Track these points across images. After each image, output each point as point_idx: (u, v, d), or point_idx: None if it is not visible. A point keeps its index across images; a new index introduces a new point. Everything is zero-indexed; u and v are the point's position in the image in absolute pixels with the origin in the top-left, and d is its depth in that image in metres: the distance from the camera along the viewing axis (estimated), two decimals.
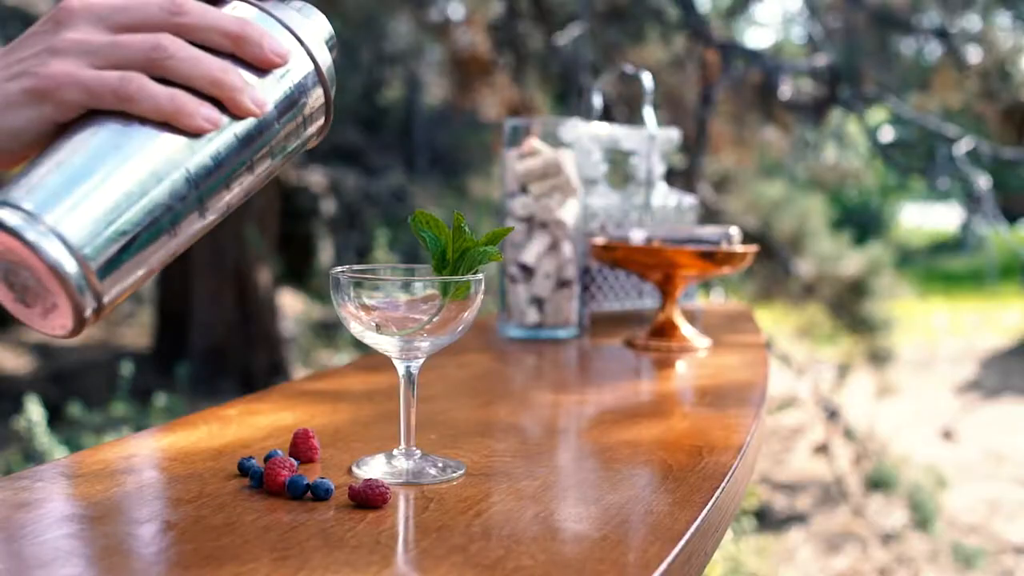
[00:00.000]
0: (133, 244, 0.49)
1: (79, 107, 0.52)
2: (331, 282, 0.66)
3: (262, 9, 0.57)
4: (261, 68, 0.55)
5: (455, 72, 5.51)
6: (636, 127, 1.51)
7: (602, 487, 0.65)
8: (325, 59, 0.59)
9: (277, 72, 0.56)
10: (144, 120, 0.51)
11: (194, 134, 0.52)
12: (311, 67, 0.58)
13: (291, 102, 0.57)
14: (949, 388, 6.33)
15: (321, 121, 0.60)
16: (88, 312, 0.48)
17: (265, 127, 0.55)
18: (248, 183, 0.56)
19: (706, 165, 4.33)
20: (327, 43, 0.60)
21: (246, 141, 0.54)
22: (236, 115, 0.54)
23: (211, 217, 0.54)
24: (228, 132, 0.53)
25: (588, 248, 1.36)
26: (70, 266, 0.46)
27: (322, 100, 0.59)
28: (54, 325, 0.49)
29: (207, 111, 0.52)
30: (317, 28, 0.60)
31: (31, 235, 0.46)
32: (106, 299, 0.48)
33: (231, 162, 0.53)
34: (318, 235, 6.91)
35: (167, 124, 0.52)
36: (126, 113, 0.51)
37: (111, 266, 0.48)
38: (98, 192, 0.48)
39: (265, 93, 0.55)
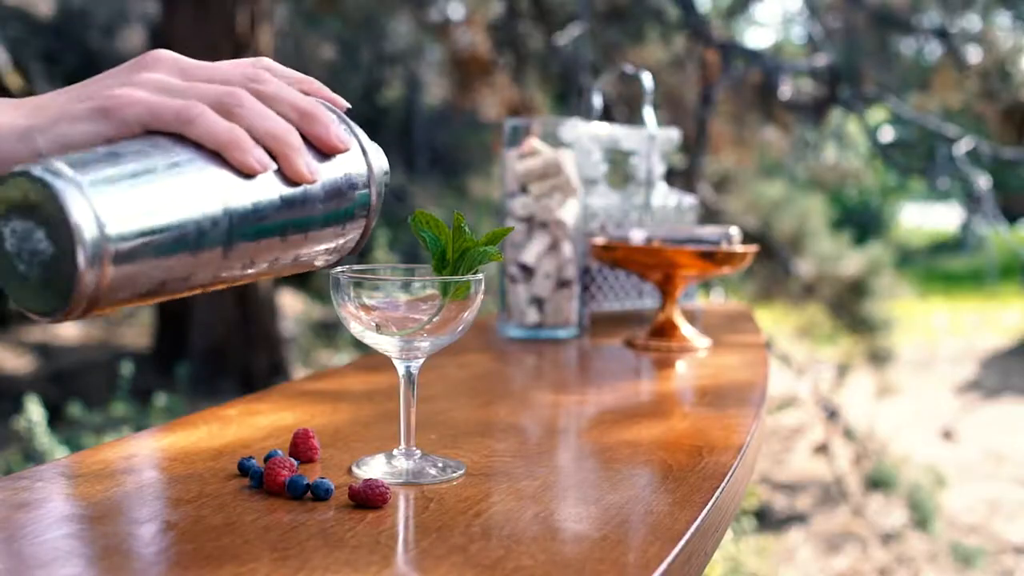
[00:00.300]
0: (155, 244, 0.48)
1: (138, 126, 0.52)
2: (331, 282, 0.66)
3: (339, 115, 0.59)
4: (321, 151, 0.57)
5: (455, 72, 5.51)
6: (636, 127, 1.51)
7: (602, 487, 0.65)
8: (378, 186, 0.60)
9: (334, 160, 0.57)
10: (199, 147, 0.52)
11: (243, 173, 0.52)
12: (365, 175, 0.59)
13: (338, 193, 0.57)
14: (949, 388, 6.33)
15: (352, 241, 0.60)
16: (87, 288, 0.46)
17: (308, 201, 0.55)
18: (275, 253, 0.55)
19: (706, 165, 4.33)
20: (381, 179, 0.60)
21: (288, 203, 0.54)
22: (288, 174, 0.54)
23: (232, 264, 0.53)
24: (274, 189, 0.54)
25: (588, 248, 1.36)
26: (89, 231, 0.45)
27: (361, 224, 0.60)
28: (47, 303, 0.47)
29: (260, 154, 0.53)
30: (379, 159, 0.61)
31: (59, 184, 0.45)
32: (108, 284, 0.47)
33: (268, 217, 0.53)
34: None
35: (219, 157, 0.52)
36: (183, 138, 0.52)
37: (127, 257, 0.47)
38: (138, 182, 0.48)
39: (319, 175, 0.56)
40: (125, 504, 0.60)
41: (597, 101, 1.62)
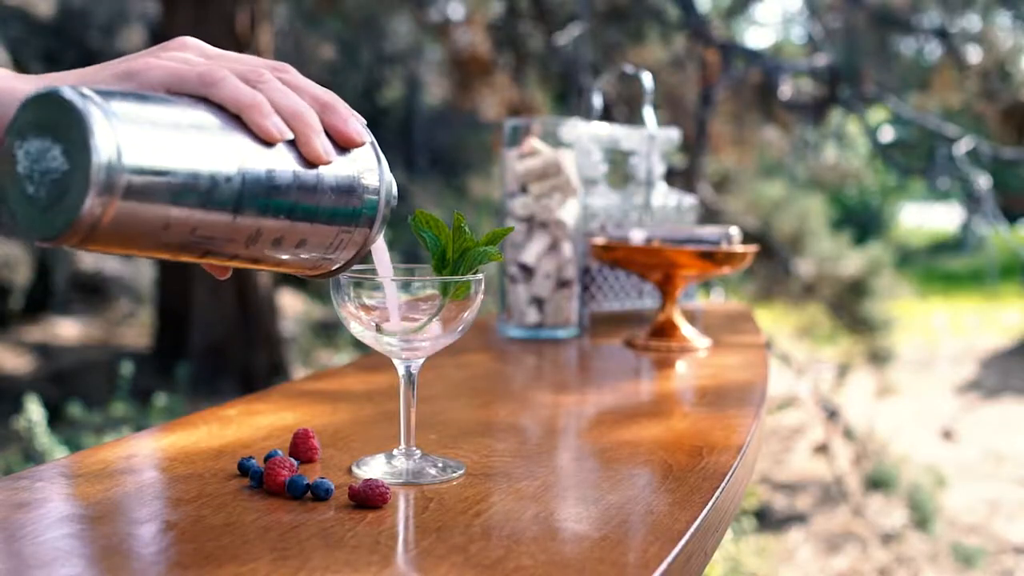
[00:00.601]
0: (166, 186, 0.48)
1: (161, 87, 0.53)
2: (331, 282, 0.66)
3: (370, 138, 0.60)
4: (339, 143, 0.57)
5: (455, 72, 5.51)
6: (636, 127, 1.50)
7: (602, 487, 0.65)
8: (387, 196, 0.60)
9: (349, 156, 0.58)
10: (222, 111, 0.53)
11: (261, 141, 0.53)
12: (377, 180, 0.59)
13: (349, 190, 0.57)
14: (949, 388, 6.33)
15: (350, 253, 0.60)
16: (94, 210, 0.45)
17: (320, 188, 0.56)
18: (280, 232, 0.55)
19: (706, 165, 4.33)
20: (389, 192, 0.60)
21: (300, 184, 0.55)
22: (304, 152, 0.55)
23: (238, 230, 0.52)
24: (288, 165, 0.54)
25: (588, 248, 1.36)
26: (107, 152, 0.45)
27: (363, 236, 0.60)
28: (50, 225, 0.47)
29: (279, 121, 0.54)
30: (390, 177, 0.61)
31: (86, 105, 0.45)
32: (113, 214, 0.46)
33: (280, 190, 0.54)
34: None
35: (239, 124, 0.53)
36: (207, 102, 0.53)
37: (137, 191, 0.47)
38: (160, 125, 0.48)
39: (334, 158, 0.57)
40: (125, 504, 0.60)
41: (597, 101, 1.62)
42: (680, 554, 0.54)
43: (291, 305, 6.09)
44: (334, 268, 0.61)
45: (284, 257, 0.57)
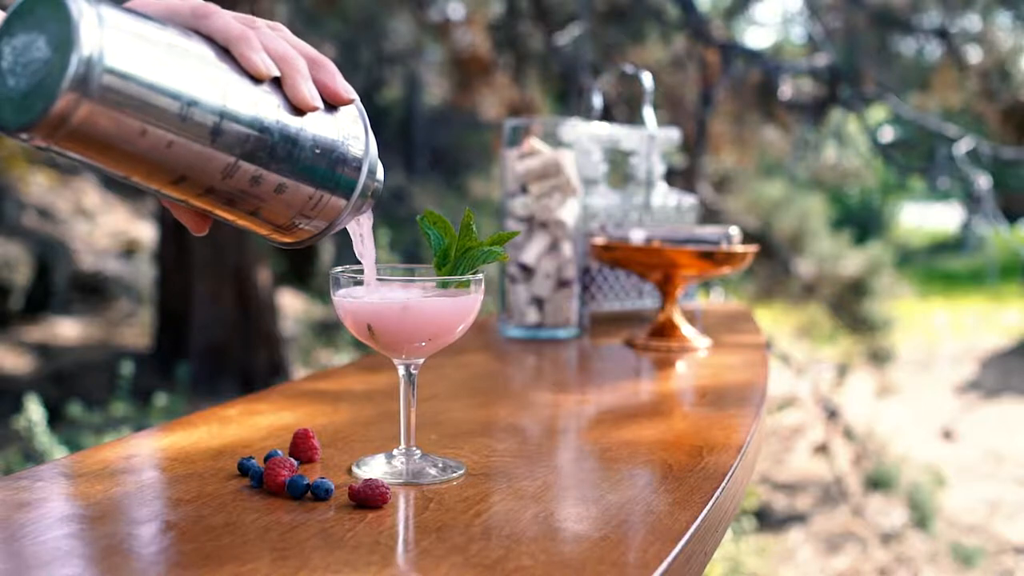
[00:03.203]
0: (144, 95, 0.48)
1: (154, 10, 0.53)
2: (331, 281, 0.66)
3: (359, 104, 0.60)
4: (326, 99, 0.57)
5: (455, 72, 5.51)
6: (636, 127, 1.50)
7: (602, 487, 0.65)
8: (369, 174, 0.60)
9: (336, 115, 0.58)
10: (214, 44, 0.53)
11: (247, 76, 0.53)
12: (362, 150, 0.59)
13: (330, 150, 0.57)
14: (949, 388, 6.33)
15: (323, 222, 0.59)
16: (68, 103, 0.45)
17: (301, 140, 0.55)
18: (256, 172, 0.54)
19: (706, 165, 4.33)
20: (374, 167, 0.60)
21: (282, 126, 0.54)
22: (289, 95, 0.55)
23: (214, 159, 0.52)
24: (273, 104, 0.54)
25: (588, 248, 1.36)
26: (89, 47, 0.45)
27: (338, 206, 0.59)
28: (23, 114, 0.47)
29: (267, 58, 0.54)
30: (377, 159, 0.61)
31: (80, 3, 0.46)
32: (87, 111, 0.46)
33: (262, 127, 0.53)
34: None
35: (230, 59, 0.53)
36: (202, 36, 0.53)
37: (113, 92, 0.47)
38: (149, 38, 0.49)
39: (318, 115, 0.56)
40: (125, 504, 0.60)
41: (597, 101, 1.62)
42: (680, 554, 0.54)
43: (291, 305, 6.09)
44: (307, 237, 0.60)
45: (259, 205, 0.56)
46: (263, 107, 0.53)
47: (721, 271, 1.21)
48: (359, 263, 0.65)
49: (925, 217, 17.30)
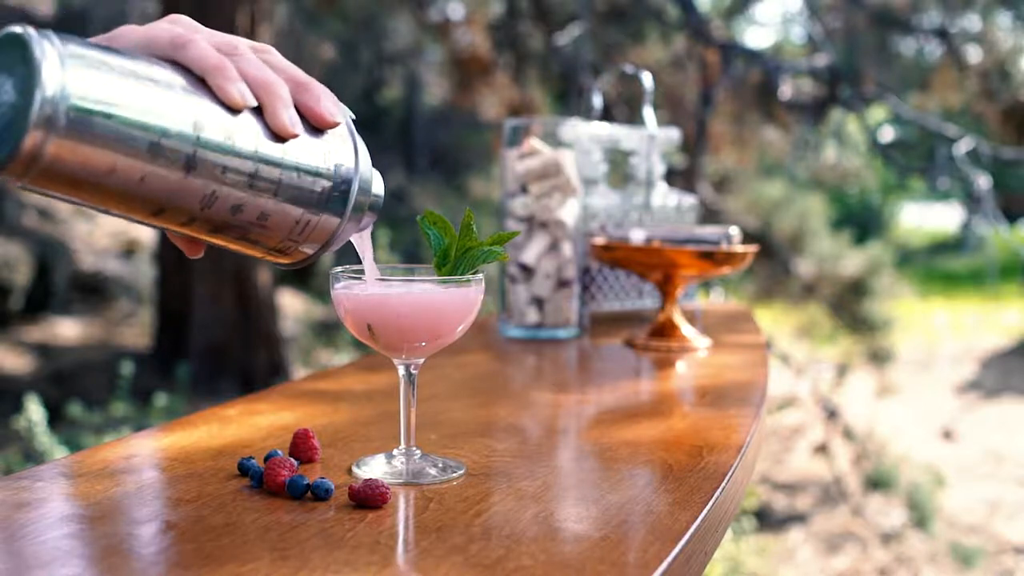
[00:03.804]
0: (113, 129, 0.48)
1: (134, 48, 0.53)
2: (331, 281, 0.66)
3: (348, 122, 0.59)
4: (313, 124, 0.57)
5: (455, 72, 5.51)
6: (636, 127, 1.50)
7: (602, 487, 0.65)
8: (362, 193, 0.59)
9: (321, 137, 0.57)
10: (192, 75, 0.52)
11: (224, 106, 0.53)
12: (350, 170, 0.58)
13: (316, 173, 0.56)
14: (949, 388, 6.33)
15: (317, 244, 0.59)
16: (36, 141, 0.46)
17: (283, 163, 0.55)
18: (240, 200, 0.54)
19: (706, 165, 4.33)
20: (367, 185, 0.60)
21: (262, 155, 0.54)
22: (269, 123, 0.54)
23: (192, 189, 0.52)
24: (252, 132, 0.54)
25: (588, 248, 1.36)
26: (52, 86, 0.46)
27: (331, 226, 0.58)
28: None
29: (244, 88, 0.53)
30: (371, 173, 0.60)
31: (41, 43, 0.46)
32: (56, 148, 0.47)
33: (239, 155, 0.53)
34: None
35: (208, 89, 0.52)
36: (180, 68, 0.53)
37: (81, 126, 0.47)
38: (116, 71, 0.49)
39: (302, 140, 0.56)
40: (125, 504, 0.60)
41: (597, 101, 1.62)
42: (680, 554, 0.54)
43: (291, 305, 6.09)
44: (303, 257, 0.60)
45: (246, 231, 0.56)
46: (240, 136, 0.53)
47: (721, 271, 1.21)
48: (359, 263, 0.65)
49: (925, 217, 17.30)
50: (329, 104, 0.57)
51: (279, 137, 0.54)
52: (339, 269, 0.66)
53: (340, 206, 0.58)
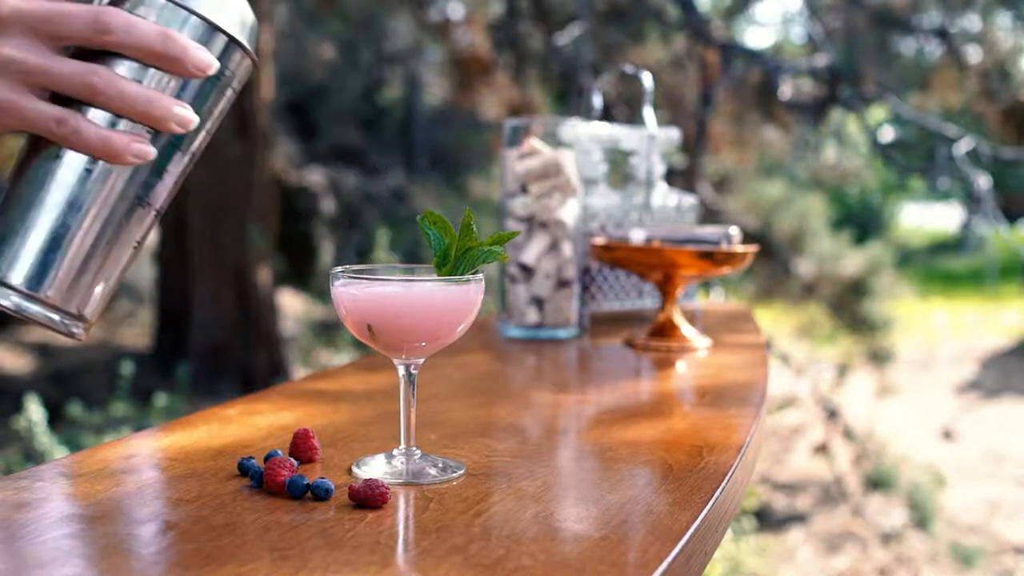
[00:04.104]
0: (66, 262, 0.56)
1: (19, 130, 0.56)
2: (331, 281, 0.66)
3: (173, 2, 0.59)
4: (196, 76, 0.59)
5: (455, 72, 5.51)
6: (636, 127, 1.50)
7: (602, 487, 0.65)
8: (239, 23, 0.60)
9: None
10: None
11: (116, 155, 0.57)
12: (226, 42, 0.60)
13: (219, 85, 0.60)
14: (949, 388, 6.33)
15: (246, 73, 0.63)
16: (76, 331, 0.58)
17: (195, 129, 0.60)
18: (188, 159, 0.61)
19: (706, 165, 4.34)
20: (239, 29, 0.61)
21: (180, 142, 0.59)
22: (168, 131, 0.58)
23: (157, 197, 0.60)
24: (164, 145, 0.59)
25: (588, 248, 1.36)
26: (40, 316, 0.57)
27: (247, 61, 0.62)
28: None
29: (136, 147, 0.56)
30: (234, 13, 0.60)
31: (8, 302, 0.56)
32: (85, 311, 0.58)
33: (170, 163, 0.59)
34: (318, 235, 6.91)
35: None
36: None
37: (71, 295, 0.57)
38: (31, 230, 0.56)
39: (193, 97, 0.59)
40: (125, 504, 0.60)
41: (597, 101, 1.62)
42: (680, 554, 0.54)
43: (291, 305, 6.09)
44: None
45: (204, 140, 0.61)
46: (163, 159, 0.59)
47: (721, 271, 1.21)
48: (359, 263, 0.65)
49: (925, 217, 17.30)
50: (195, 58, 0.57)
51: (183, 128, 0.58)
52: (339, 269, 0.66)
53: (243, 55, 0.61)
